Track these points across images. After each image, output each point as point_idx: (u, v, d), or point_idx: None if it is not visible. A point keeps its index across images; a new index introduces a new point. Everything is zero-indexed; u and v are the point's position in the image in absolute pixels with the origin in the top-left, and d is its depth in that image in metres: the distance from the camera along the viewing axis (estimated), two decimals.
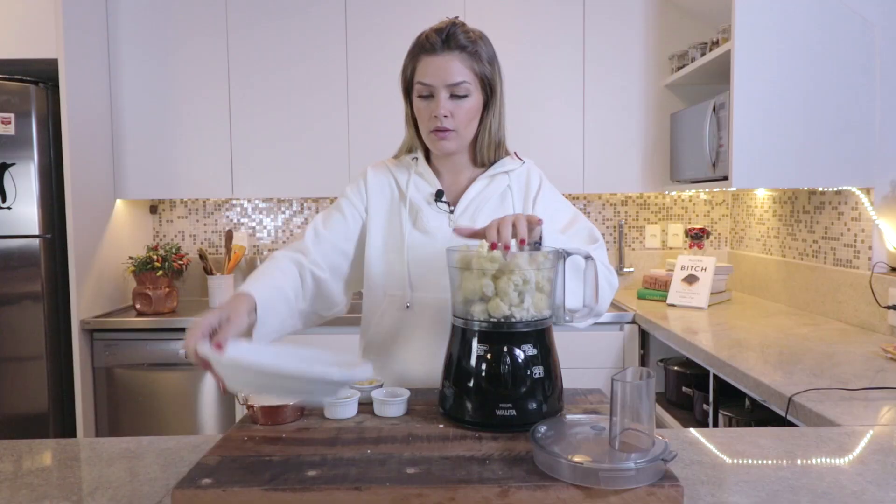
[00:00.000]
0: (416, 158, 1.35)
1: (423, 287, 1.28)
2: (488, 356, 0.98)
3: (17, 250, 2.57)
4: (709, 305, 2.66)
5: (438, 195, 1.31)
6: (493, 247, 1.01)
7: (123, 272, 2.96)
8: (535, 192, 1.34)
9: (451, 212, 1.31)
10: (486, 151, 1.33)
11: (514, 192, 1.33)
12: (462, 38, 1.23)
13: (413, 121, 1.32)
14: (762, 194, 2.91)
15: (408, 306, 1.29)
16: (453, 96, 1.23)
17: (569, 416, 0.97)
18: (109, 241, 2.86)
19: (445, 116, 1.23)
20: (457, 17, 1.27)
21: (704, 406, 2.02)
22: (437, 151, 1.30)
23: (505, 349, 0.97)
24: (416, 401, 1.11)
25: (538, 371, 0.98)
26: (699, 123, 2.49)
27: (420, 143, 1.34)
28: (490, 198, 1.32)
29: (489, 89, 1.28)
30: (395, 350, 1.32)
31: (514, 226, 1.02)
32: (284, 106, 2.91)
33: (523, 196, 1.34)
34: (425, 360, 1.28)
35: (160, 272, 2.79)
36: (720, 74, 2.56)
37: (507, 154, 1.37)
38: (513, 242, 1.01)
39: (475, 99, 1.26)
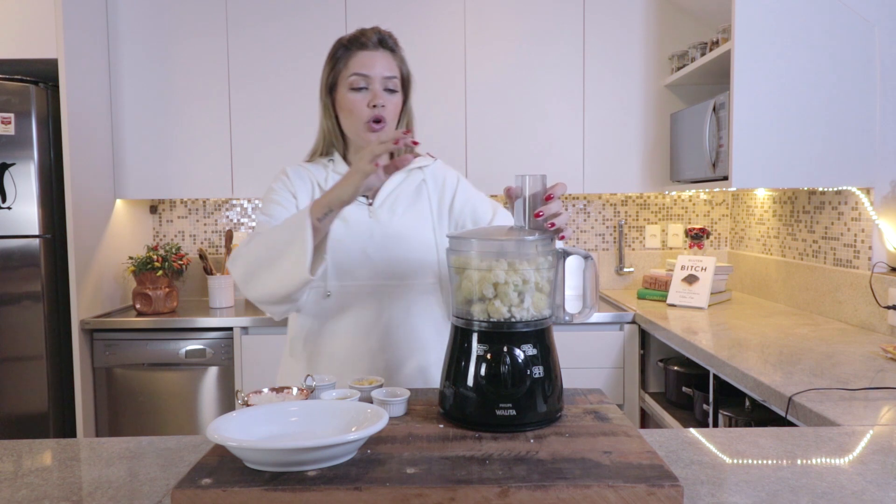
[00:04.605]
0: (332, 160, 1.42)
1: (343, 276, 1.33)
2: (488, 356, 0.98)
3: (17, 250, 2.57)
4: (709, 305, 2.66)
5: None
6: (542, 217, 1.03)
7: (123, 272, 2.96)
8: (454, 186, 1.44)
9: (370, 204, 1.38)
10: (404, 149, 1.39)
11: (430, 186, 1.42)
12: (391, 42, 1.38)
13: (333, 115, 1.39)
14: (762, 194, 2.91)
15: (328, 295, 1.33)
16: (385, 90, 1.34)
17: None
18: (109, 241, 2.86)
19: (383, 106, 1.32)
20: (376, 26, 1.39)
21: (704, 406, 2.02)
22: (368, 143, 1.34)
23: (505, 349, 0.97)
24: (416, 401, 1.11)
25: (538, 371, 0.98)
26: (699, 123, 2.49)
27: (341, 139, 1.41)
28: (406, 191, 1.41)
29: (407, 90, 1.41)
30: (319, 341, 1.36)
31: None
32: (284, 106, 2.91)
33: (440, 190, 1.43)
34: (350, 347, 1.33)
35: (160, 272, 2.79)
36: (720, 74, 2.57)
37: (419, 155, 1.46)
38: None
39: (400, 97, 1.38)
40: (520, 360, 0.97)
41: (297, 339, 1.39)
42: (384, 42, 1.36)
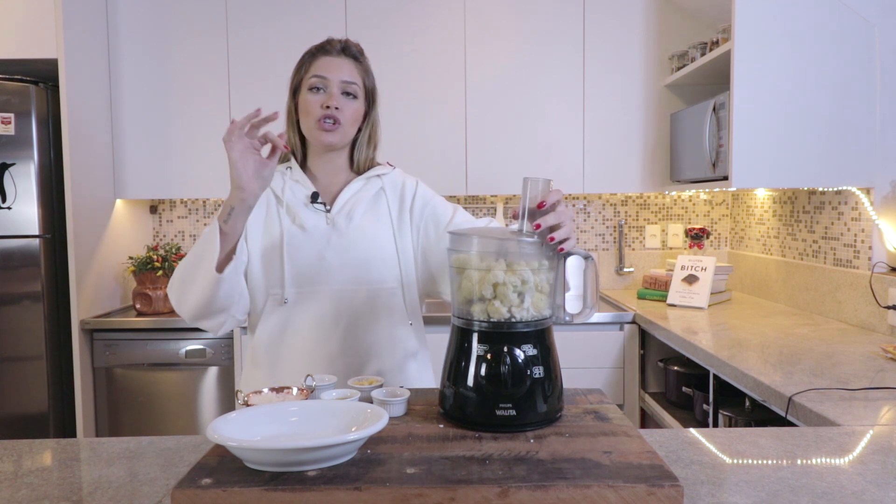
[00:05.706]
0: (290, 167, 1.42)
1: (301, 282, 1.34)
2: (488, 356, 0.98)
3: (17, 250, 2.57)
4: (709, 305, 2.66)
5: (314, 197, 1.38)
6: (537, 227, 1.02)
7: (123, 272, 2.96)
8: (413, 189, 1.44)
9: (328, 211, 1.38)
10: (364, 158, 1.43)
11: (388, 194, 1.43)
12: (355, 51, 1.40)
13: (295, 119, 1.41)
14: (762, 194, 2.91)
15: (286, 301, 1.33)
16: (344, 94, 1.35)
17: None
18: (109, 241, 2.86)
19: (337, 108, 1.33)
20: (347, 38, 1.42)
21: (704, 406, 2.02)
22: (319, 143, 1.35)
23: (505, 349, 0.97)
24: (416, 401, 1.11)
25: (538, 371, 0.98)
26: (699, 123, 2.49)
27: (300, 146, 1.42)
28: (365, 198, 1.41)
29: (371, 101, 1.43)
30: (280, 348, 1.36)
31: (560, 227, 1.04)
32: (284, 106, 2.90)
33: (399, 196, 1.43)
34: (309, 353, 1.34)
35: (160, 272, 2.79)
36: (720, 74, 2.57)
37: (379, 164, 1.48)
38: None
39: (360, 104, 1.39)
40: (520, 361, 0.97)
41: (259, 348, 1.38)
42: (347, 49, 1.38)
